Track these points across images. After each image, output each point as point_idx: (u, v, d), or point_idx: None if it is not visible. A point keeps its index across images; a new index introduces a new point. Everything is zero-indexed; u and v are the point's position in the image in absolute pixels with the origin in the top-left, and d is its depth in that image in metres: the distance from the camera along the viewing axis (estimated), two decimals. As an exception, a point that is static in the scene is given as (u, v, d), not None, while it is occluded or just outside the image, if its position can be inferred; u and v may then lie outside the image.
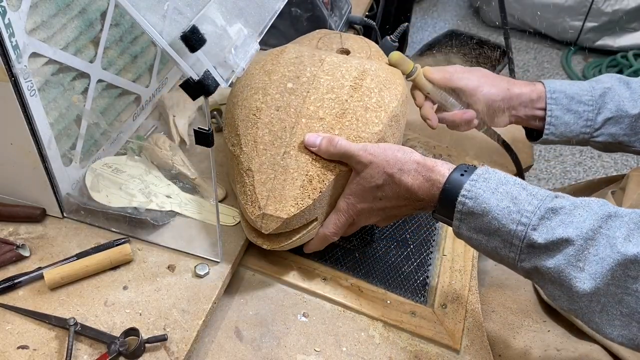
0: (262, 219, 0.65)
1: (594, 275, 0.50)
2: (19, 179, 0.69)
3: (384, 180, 0.64)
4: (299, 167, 0.67)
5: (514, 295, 0.80)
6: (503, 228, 0.55)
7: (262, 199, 0.65)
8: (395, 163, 0.63)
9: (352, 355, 0.66)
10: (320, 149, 0.67)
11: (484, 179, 0.57)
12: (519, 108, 0.83)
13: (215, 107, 0.94)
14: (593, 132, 0.81)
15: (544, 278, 0.54)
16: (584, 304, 0.52)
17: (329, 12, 1.08)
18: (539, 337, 0.75)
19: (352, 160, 0.66)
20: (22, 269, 0.66)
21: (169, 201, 0.75)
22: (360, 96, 0.72)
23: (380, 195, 0.66)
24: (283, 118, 0.70)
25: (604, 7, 2.64)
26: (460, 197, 0.57)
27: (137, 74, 0.82)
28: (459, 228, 0.59)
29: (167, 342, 0.61)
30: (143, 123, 0.87)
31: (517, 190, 0.56)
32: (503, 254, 0.56)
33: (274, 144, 0.69)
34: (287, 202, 0.65)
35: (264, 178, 0.67)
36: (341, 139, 0.67)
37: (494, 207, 0.55)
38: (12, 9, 0.54)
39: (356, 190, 0.67)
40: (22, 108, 0.60)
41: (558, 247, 0.52)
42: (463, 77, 0.82)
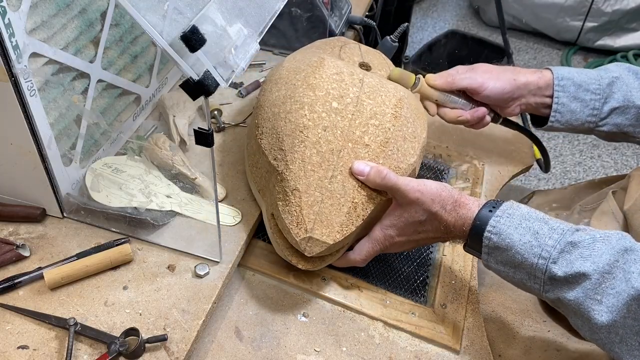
0: (308, 242, 0.65)
1: (611, 309, 0.53)
2: (19, 179, 0.69)
3: (427, 217, 0.66)
4: (346, 192, 0.67)
5: (514, 295, 0.80)
6: (526, 262, 0.58)
7: (309, 222, 0.65)
8: (440, 202, 0.65)
9: (352, 355, 0.66)
10: (368, 179, 0.67)
11: (507, 214, 0.60)
12: (528, 96, 0.83)
13: (215, 107, 0.94)
14: (599, 121, 0.81)
15: (567, 309, 0.57)
16: (604, 335, 0.54)
17: (329, 12, 1.08)
18: (539, 337, 0.75)
19: (397, 194, 0.67)
20: (22, 269, 0.66)
21: (169, 201, 0.75)
22: (400, 125, 0.72)
23: (421, 229, 0.67)
24: (330, 140, 0.69)
25: (604, 7, 2.64)
26: (486, 232, 0.60)
27: (137, 74, 0.82)
28: (487, 261, 0.63)
29: (167, 342, 0.61)
30: (143, 123, 0.87)
31: (539, 225, 0.59)
32: (529, 285, 0.59)
33: (322, 166, 0.68)
34: (334, 228, 0.65)
35: (312, 200, 0.66)
36: (389, 172, 0.67)
37: (516, 242, 0.58)
38: (12, 9, 0.54)
39: (397, 223, 0.68)
40: (22, 108, 0.60)
41: (577, 281, 0.54)
42: (465, 77, 0.82)
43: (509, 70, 0.84)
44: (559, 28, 2.81)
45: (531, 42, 2.94)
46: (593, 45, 2.78)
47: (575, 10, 2.71)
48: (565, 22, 2.77)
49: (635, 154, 2.31)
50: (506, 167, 0.99)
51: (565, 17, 2.75)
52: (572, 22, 2.75)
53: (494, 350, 0.73)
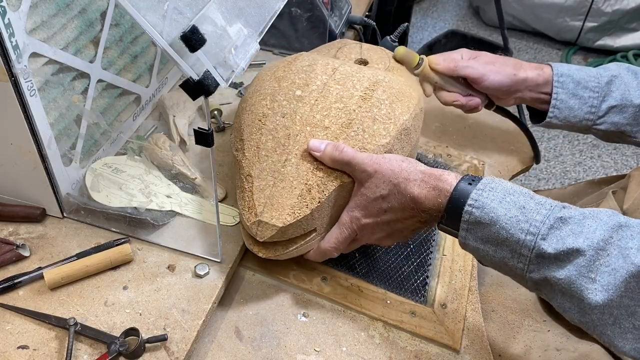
0: (258, 226, 0.64)
1: (606, 287, 0.49)
2: (19, 179, 0.69)
3: (389, 190, 0.62)
4: (299, 175, 0.66)
5: (514, 295, 0.80)
6: (511, 238, 0.54)
7: (259, 206, 0.64)
8: (401, 172, 0.61)
9: (352, 355, 0.66)
10: (324, 154, 0.65)
11: (490, 188, 0.56)
12: (525, 91, 0.84)
13: (215, 107, 0.94)
14: (596, 119, 0.82)
15: (553, 289, 0.53)
16: (596, 317, 0.51)
17: (329, 12, 1.08)
18: (539, 337, 0.75)
19: (356, 169, 0.64)
20: (22, 269, 0.66)
21: (169, 201, 0.75)
22: (369, 107, 0.70)
23: (386, 206, 0.63)
24: (288, 125, 0.69)
25: (604, 7, 2.64)
26: (467, 206, 0.56)
27: (137, 74, 0.82)
28: (465, 239, 0.58)
29: (167, 342, 0.61)
30: (143, 123, 0.87)
31: (525, 199, 0.55)
32: (511, 265, 0.55)
33: (276, 151, 0.67)
34: (284, 211, 0.64)
35: (263, 185, 0.66)
36: (347, 147, 0.65)
37: (501, 216, 0.54)
38: (12, 9, 0.54)
39: (360, 202, 0.65)
40: (22, 108, 0.60)
41: (568, 258, 0.51)
42: (467, 66, 0.83)
43: (511, 64, 0.84)
44: (559, 28, 2.81)
45: (531, 42, 2.94)
46: (593, 45, 2.79)
47: (575, 10, 2.71)
48: (565, 22, 2.77)
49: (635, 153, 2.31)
50: (506, 167, 0.99)
51: (565, 17, 2.75)
52: (572, 22, 2.75)
53: (494, 350, 0.73)
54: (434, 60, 0.84)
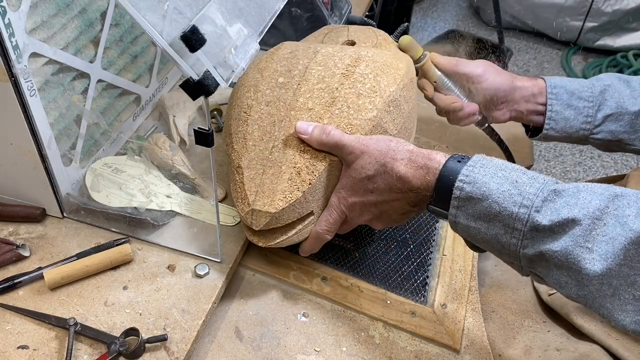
0: (252, 215, 0.64)
1: (605, 256, 0.47)
2: (19, 179, 0.69)
3: (376, 170, 0.61)
4: (287, 159, 0.65)
5: (514, 296, 0.80)
6: (504, 212, 0.52)
7: (251, 195, 0.65)
8: (388, 152, 0.61)
9: (352, 355, 0.66)
10: (311, 137, 0.64)
11: (481, 164, 0.56)
12: (521, 102, 0.84)
13: (215, 107, 0.94)
14: (593, 128, 0.82)
15: (549, 264, 0.52)
16: (594, 287, 0.49)
17: (329, 12, 1.08)
18: (538, 337, 0.75)
19: (344, 150, 0.63)
20: (22, 269, 0.66)
21: (169, 201, 0.75)
22: (352, 83, 0.69)
23: (372, 187, 0.62)
24: (272, 113, 0.69)
25: (604, 7, 2.64)
26: (458, 182, 0.55)
27: (137, 74, 0.82)
28: (455, 217, 0.56)
29: (167, 342, 0.61)
30: (143, 123, 0.87)
31: (517, 174, 0.54)
32: (504, 241, 0.53)
33: (263, 139, 0.68)
34: (276, 196, 0.64)
35: (253, 174, 0.66)
36: (334, 129, 0.64)
37: (494, 190, 0.53)
38: (12, 9, 0.54)
39: (347, 183, 0.65)
40: (22, 108, 0.60)
41: (564, 229, 0.49)
42: (469, 64, 0.83)
43: (508, 73, 0.85)
44: (559, 28, 2.81)
45: (531, 42, 2.94)
46: (593, 45, 2.79)
47: (575, 10, 2.71)
48: (565, 22, 2.77)
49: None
50: (506, 167, 0.99)
51: (565, 17, 2.75)
52: (572, 22, 2.75)
53: (494, 350, 0.73)
54: (435, 55, 0.84)
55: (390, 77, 0.72)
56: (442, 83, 0.85)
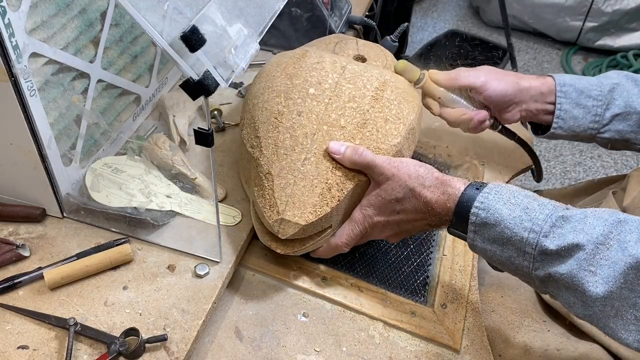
0: (280, 224, 0.65)
1: (607, 279, 0.51)
2: (19, 179, 0.69)
3: (405, 194, 0.65)
4: (319, 174, 0.67)
5: (514, 295, 0.80)
6: (515, 237, 0.56)
7: (281, 204, 0.65)
8: (417, 177, 0.64)
9: (352, 355, 0.66)
10: (344, 157, 0.67)
11: (496, 192, 0.59)
12: (530, 102, 0.83)
13: (215, 107, 0.94)
14: (601, 127, 0.81)
15: (558, 285, 0.55)
16: (598, 309, 0.52)
17: (329, 12, 1.08)
18: (539, 337, 0.75)
19: (375, 171, 0.66)
20: (22, 269, 0.66)
21: (169, 201, 0.75)
22: (381, 107, 0.72)
23: (399, 208, 0.66)
24: (304, 124, 0.70)
25: (604, 7, 2.64)
26: (474, 208, 0.59)
27: (137, 74, 0.82)
28: (473, 240, 0.61)
29: (167, 342, 0.61)
30: (143, 123, 0.87)
31: (528, 201, 0.57)
32: (517, 263, 0.57)
33: (295, 150, 0.68)
34: (306, 209, 0.65)
35: (284, 183, 0.66)
36: (366, 150, 0.67)
37: (506, 216, 0.57)
38: (12, 9, 0.54)
39: (375, 202, 0.67)
40: (22, 108, 0.60)
41: (569, 253, 0.53)
42: (469, 75, 0.82)
43: (512, 74, 0.84)
44: (559, 28, 2.81)
45: (531, 42, 2.94)
46: (593, 45, 2.79)
47: (575, 10, 2.71)
48: (565, 22, 2.77)
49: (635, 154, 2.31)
50: (506, 167, 0.99)
51: (565, 17, 2.75)
52: (572, 22, 2.75)
53: (494, 350, 0.73)
54: (434, 72, 0.83)
55: (410, 105, 0.76)
56: (447, 98, 0.83)
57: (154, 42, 0.49)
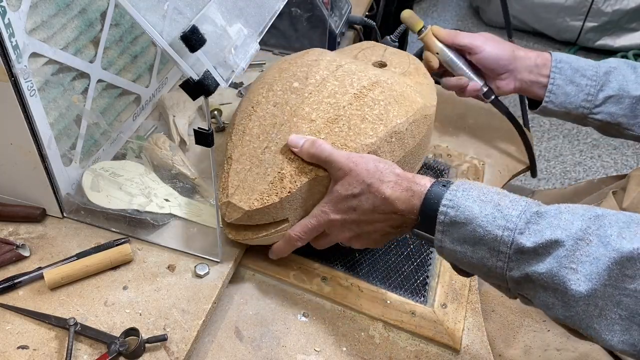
0: (227, 207, 0.66)
1: (589, 276, 0.48)
2: (19, 179, 0.69)
3: (362, 189, 0.61)
4: (275, 163, 0.66)
5: (514, 295, 0.80)
6: (488, 235, 0.52)
7: (232, 188, 0.66)
8: (375, 172, 0.61)
9: (352, 355, 0.66)
10: (302, 150, 0.65)
11: (463, 189, 0.56)
12: (523, 72, 0.85)
13: (215, 107, 0.94)
14: (593, 107, 0.82)
15: (535, 286, 0.51)
16: (581, 309, 0.49)
17: (329, 12, 1.08)
18: (539, 337, 0.75)
19: (332, 166, 0.64)
20: (22, 269, 0.66)
21: (167, 204, 0.75)
22: (360, 105, 0.70)
23: (355, 205, 0.62)
24: (276, 114, 0.70)
25: (604, 7, 2.64)
26: (442, 207, 0.55)
27: (137, 74, 0.82)
28: (441, 242, 0.56)
29: (167, 342, 0.61)
30: (143, 123, 0.87)
31: (499, 197, 0.54)
32: (490, 264, 0.53)
33: (259, 138, 0.69)
34: (253, 195, 0.65)
35: (240, 168, 0.67)
36: (325, 143, 0.65)
37: (477, 214, 0.53)
38: (12, 9, 0.54)
39: (332, 198, 0.65)
40: (22, 108, 0.60)
41: (548, 250, 0.50)
42: (469, 35, 0.86)
43: (509, 44, 0.87)
44: (559, 28, 2.81)
45: (531, 42, 2.94)
46: (593, 45, 2.79)
47: (575, 10, 2.71)
48: (565, 22, 2.77)
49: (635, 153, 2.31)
50: (506, 167, 0.99)
51: (565, 17, 2.76)
52: (572, 22, 2.75)
53: (494, 350, 0.73)
54: (437, 27, 0.88)
55: (402, 108, 0.72)
56: (444, 54, 0.87)
57: (154, 42, 0.50)
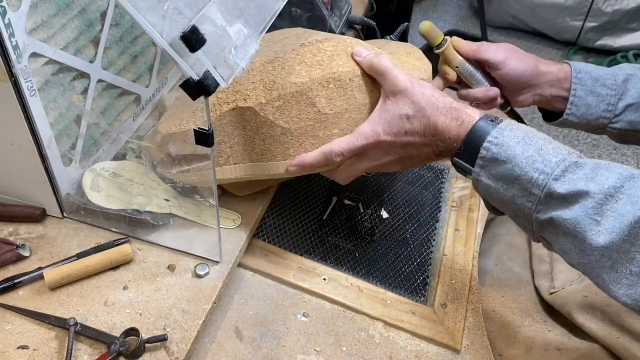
0: (155, 134, 0.70)
1: (610, 230, 0.50)
2: (19, 179, 0.69)
3: (415, 112, 0.61)
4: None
5: (514, 295, 0.80)
6: (524, 175, 0.55)
7: (164, 118, 0.71)
8: (431, 97, 0.61)
9: (352, 355, 0.66)
10: (364, 59, 0.66)
11: (511, 128, 0.57)
12: (545, 87, 0.82)
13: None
14: (613, 117, 0.81)
15: (557, 230, 0.54)
16: (595, 258, 0.51)
17: (329, 12, 1.08)
18: (539, 337, 0.75)
19: (388, 80, 0.63)
20: (22, 269, 0.66)
21: (167, 204, 0.75)
22: (303, 52, 0.67)
23: (408, 127, 0.62)
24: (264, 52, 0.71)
25: (604, 7, 2.64)
26: (486, 142, 0.57)
27: (137, 74, 0.82)
28: (478, 175, 0.59)
29: (167, 342, 0.61)
30: (143, 123, 0.87)
31: (543, 142, 0.56)
32: (519, 203, 0.56)
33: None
34: (174, 122, 0.68)
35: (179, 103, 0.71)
36: (387, 59, 0.64)
37: (518, 154, 0.55)
38: (12, 9, 0.54)
39: (384, 117, 0.63)
40: (22, 108, 0.60)
41: (577, 199, 0.52)
42: (490, 49, 0.81)
43: (532, 57, 0.83)
44: (559, 28, 2.81)
45: (531, 42, 2.94)
46: (593, 45, 2.78)
47: (575, 10, 2.71)
48: (565, 22, 2.77)
49: (635, 154, 2.31)
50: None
51: (565, 17, 2.75)
52: (572, 22, 2.75)
53: (495, 350, 0.73)
54: (457, 39, 0.82)
55: (351, 62, 0.67)
56: (464, 68, 0.82)
57: (154, 42, 0.49)
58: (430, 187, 0.92)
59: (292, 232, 0.80)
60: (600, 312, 0.71)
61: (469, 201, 0.89)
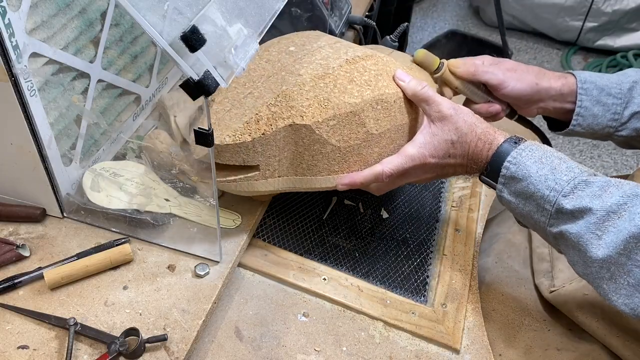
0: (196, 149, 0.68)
1: (609, 244, 0.54)
2: (19, 179, 0.69)
3: (459, 137, 0.66)
4: (254, 106, 0.66)
5: (514, 293, 0.80)
6: (538, 192, 0.60)
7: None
8: (472, 125, 0.66)
9: (352, 354, 0.66)
10: (407, 85, 0.70)
11: (530, 149, 0.63)
12: (548, 101, 0.82)
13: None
14: (619, 126, 0.81)
15: (567, 243, 0.59)
16: (595, 270, 0.56)
17: (329, 12, 1.08)
18: (539, 336, 0.75)
19: (432, 106, 0.68)
20: (22, 269, 0.66)
21: (167, 204, 0.75)
22: (351, 69, 0.69)
23: (452, 152, 0.67)
24: (266, 68, 0.71)
25: (604, 7, 2.64)
26: (506, 162, 0.63)
27: (137, 74, 0.82)
28: (501, 191, 0.65)
29: (167, 342, 0.61)
30: (143, 123, 0.87)
31: (559, 162, 0.61)
32: (536, 218, 0.62)
33: (245, 85, 0.69)
34: (226, 132, 0.65)
35: (219, 109, 0.68)
36: (429, 86, 0.69)
37: (533, 173, 0.61)
38: (12, 9, 0.54)
39: (430, 140, 0.68)
40: (22, 108, 0.60)
41: (582, 215, 0.57)
42: (487, 71, 0.79)
43: (533, 73, 0.81)
44: (559, 28, 2.81)
45: (531, 42, 2.94)
46: (593, 45, 2.78)
47: (575, 10, 2.71)
48: (565, 22, 2.77)
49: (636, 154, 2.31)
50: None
51: (565, 17, 2.75)
52: (572, 22, 2.75)
53: (495, 350, 0.73)
54: (453, 63, 0.81)
55: (393, 84, 0.71)
56: (464, 88, 0.81)
57: (154, 42, 0.49)
58: (430, 187, 0.92)
59: (292, 232, 0.80)
60: (600, 311, 0.71)
61: (469, 201, 0.89)
